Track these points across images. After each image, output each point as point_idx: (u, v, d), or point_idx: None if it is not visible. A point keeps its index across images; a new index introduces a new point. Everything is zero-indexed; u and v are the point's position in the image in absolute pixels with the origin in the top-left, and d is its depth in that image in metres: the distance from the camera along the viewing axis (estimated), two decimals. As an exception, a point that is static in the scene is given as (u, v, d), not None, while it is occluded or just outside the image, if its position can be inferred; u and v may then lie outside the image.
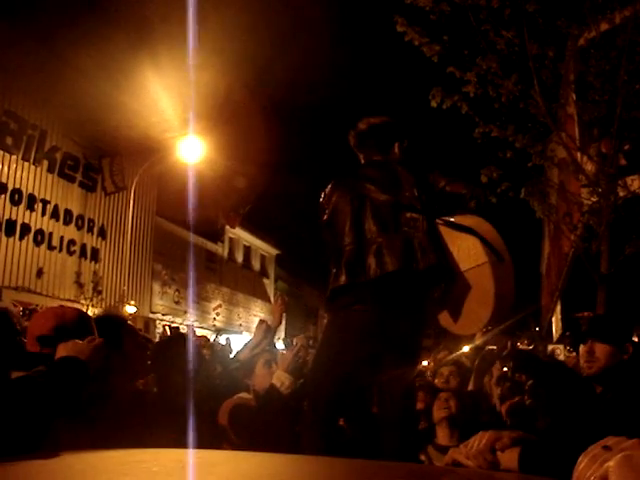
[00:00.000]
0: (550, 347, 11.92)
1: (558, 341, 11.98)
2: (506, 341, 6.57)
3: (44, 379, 2.17)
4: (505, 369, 5.65)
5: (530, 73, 8.75)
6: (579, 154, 9.38)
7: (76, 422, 2.47)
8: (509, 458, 1.66)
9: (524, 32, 8.61)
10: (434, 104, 9.18)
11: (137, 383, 3.95)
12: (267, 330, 5.86)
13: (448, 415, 4.32)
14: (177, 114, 20.30)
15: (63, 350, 2.42)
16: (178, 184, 22.10)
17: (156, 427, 2.81)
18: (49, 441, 2.07)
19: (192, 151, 20.57)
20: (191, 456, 1.82)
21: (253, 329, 6.55)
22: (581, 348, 3.48)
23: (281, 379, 4.11)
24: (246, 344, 5.87)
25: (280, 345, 7.86)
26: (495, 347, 6.34)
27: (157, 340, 5.71)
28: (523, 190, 9.45)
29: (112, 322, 3.36)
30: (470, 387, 5.67)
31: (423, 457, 4.17)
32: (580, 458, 1.28)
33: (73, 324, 2.84)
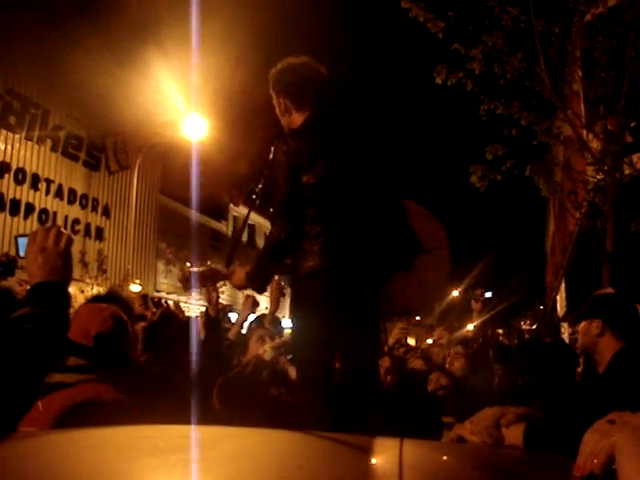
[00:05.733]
0: (554, 325, 11.91)
1: (562, 319, 11.97)
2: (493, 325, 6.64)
3: (30, 322, 1.90)
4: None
5: (536, 50, 8.68)
6: (585, 131, 9.31)
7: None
8: (514, 434, 1.67)
9: (530, 8, 8.53)
10: (439, 81, 9.13)
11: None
12: (253, 305, 5.91)
13: (444, 393, 4.35)
14: (181, 92, 20.23)
15: (33, 277, 2.05)
16: (182, 162, 22.07)
17: (156, 403, 2.84)
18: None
19: (196, 129, 20.51)
20: (196, 432, 1.82)
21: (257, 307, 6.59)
22: (579, 326, 3.50)
23: (265, 348, 4.20)
24: (236, 321, 5.92)
25: (285, 322, 7.91)
26: (500, 330, 6.37)
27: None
28: (528, 168, 9.42)
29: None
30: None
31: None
32: (586, 433, 1.28)
33: (124, 325, 2.99)
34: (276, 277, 5.59)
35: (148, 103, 21.33)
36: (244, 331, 6.13)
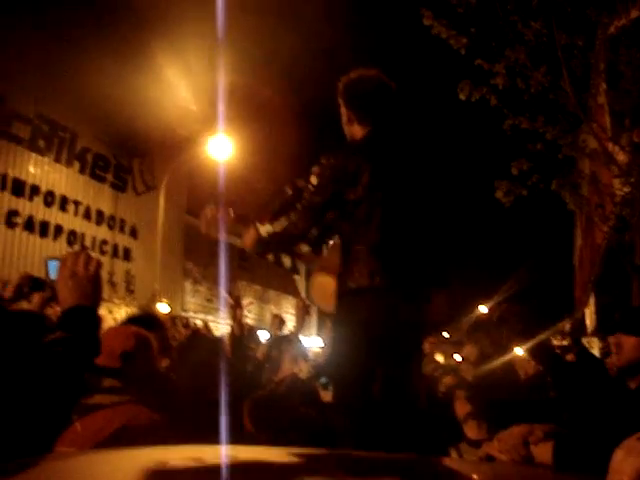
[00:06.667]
0: (584, 340, 11.79)
1: (592, 334, 11.84)
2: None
3: (62, 346, 1.94)
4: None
5: (559, 63, 8.67)
6: (611, 144, 9.25)
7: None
8: (543, 452, 1.66)
9: (552, 22, 8.53)
10: (462, 97, 9.13)
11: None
12: (281, 324, 5.92)
13: (471, 410, 4.32)
14: (206, 113, 20.38)
15: (64, 302, 2.10)
16: (208, 182, 22.20)
17: (184, 423, 2.86)
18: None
19: (221, 149, 20.61)
20: (229, 452, 1.83)
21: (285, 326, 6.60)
22: (609, 340, 3.46)
23: (301, 367, 4.19)
24: (265, 341, 5.93)
25: (311, 340, 7.91)
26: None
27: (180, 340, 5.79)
28: (554, 182, 9.37)
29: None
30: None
31: (454, 452, 4.16)
32: (616, 451, 1.27)
33: (147, 342, 3.04)
34: (302, 296, 5.59)
35: (174, 124, 21.51)
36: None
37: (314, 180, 3.55)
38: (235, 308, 5.67)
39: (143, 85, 19.42)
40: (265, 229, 3.68)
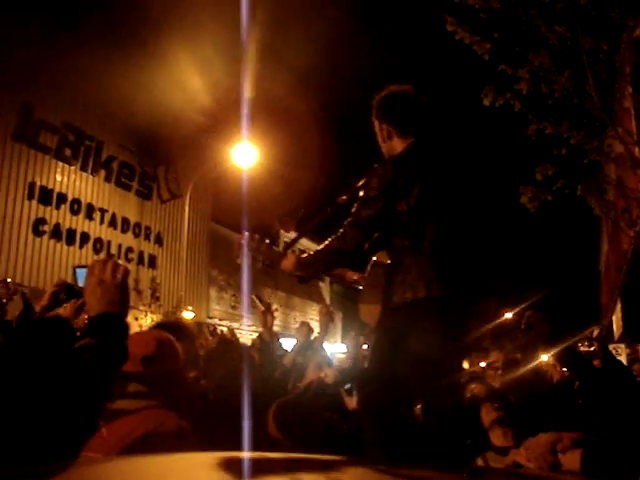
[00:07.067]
0: (611, 346, 11.68)
1: (619, 340, 11.71)
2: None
3: (90, 352, 1.95)
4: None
5: (584, 67, 8.60)
6: (637, 149, 9.17)
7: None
8: (571, 460, 1.64)
9: (577, 26, 8.47)
10: (486, 102, 9.10)
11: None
12: (309, 332, 5.91)
13: (497, 417, 4.29)
14: (231, 120, 20.45)
15: (92, 309, 2.12)
16: (232, 190, 22.30)
17: (212, 429, 2.87)
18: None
19: (246, 157, 20.69)
20: (258, 459, 1.83)
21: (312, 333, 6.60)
22: (637, 347, 3.44)
23: (326, 372, 4.19)
24: (292, 348, 5.92)
25: (335, 347, 7.92)
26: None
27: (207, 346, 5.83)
28: (580, 187, 9.29)
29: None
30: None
31: (480, 460, 4.13)
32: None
33: (170, 345, 3.06)
34: (326, 302, 5.62)
35: (198, 131, 21.65)
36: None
37: (363, 193, 3.54)
38: (266, 315, 5.69)
39: (168, 94, 19.57)
40: (292, 236, 3.69)
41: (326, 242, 3.63)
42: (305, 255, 3.72)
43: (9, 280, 4.51)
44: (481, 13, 8.75)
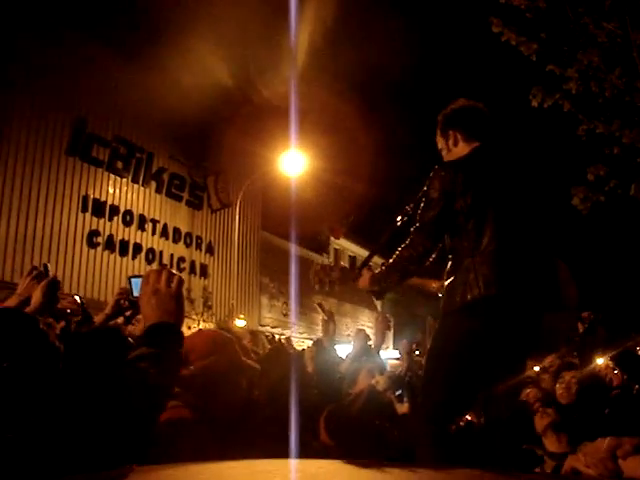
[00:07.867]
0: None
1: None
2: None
3: (147, 361, 1.96)
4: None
5: (635, 64, 8.44)
6: (691, 145, 8.96)
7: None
8: (633, 466, 1.59)
9: (627, 21, 8.31)
10: (535, 104, 8.99)
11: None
12: (366, 339, 5.90)
13: (550, 422, 4.22)
14: (279, 129, 20.57)
15: (147, 318, 2.11)
16: (281, 198, 22.43)
17: (263, 437, 2.87)
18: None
19: (294, 165, 20.77)
20: (309, 466, 1.83)
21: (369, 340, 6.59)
22: None
23: (377, 379, 4.17)
24: (347, 355, 5.92)
25: (388, 353, 7.89)
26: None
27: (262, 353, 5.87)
28: (633, 187, 9.11)
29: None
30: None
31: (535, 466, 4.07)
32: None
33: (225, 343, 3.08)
34: (379, 309, 5.63)
35: (247, 141, 21.82)
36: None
37: (424, 197, 3.58)
38: (329, 322, 5.75)
39: (217, 105, 19.78)
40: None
41: (397, 252, 3.65)
42: (379, 270, 3.74)
43: (77, 298, 4.58)
44: (527, 13, 8.66)
